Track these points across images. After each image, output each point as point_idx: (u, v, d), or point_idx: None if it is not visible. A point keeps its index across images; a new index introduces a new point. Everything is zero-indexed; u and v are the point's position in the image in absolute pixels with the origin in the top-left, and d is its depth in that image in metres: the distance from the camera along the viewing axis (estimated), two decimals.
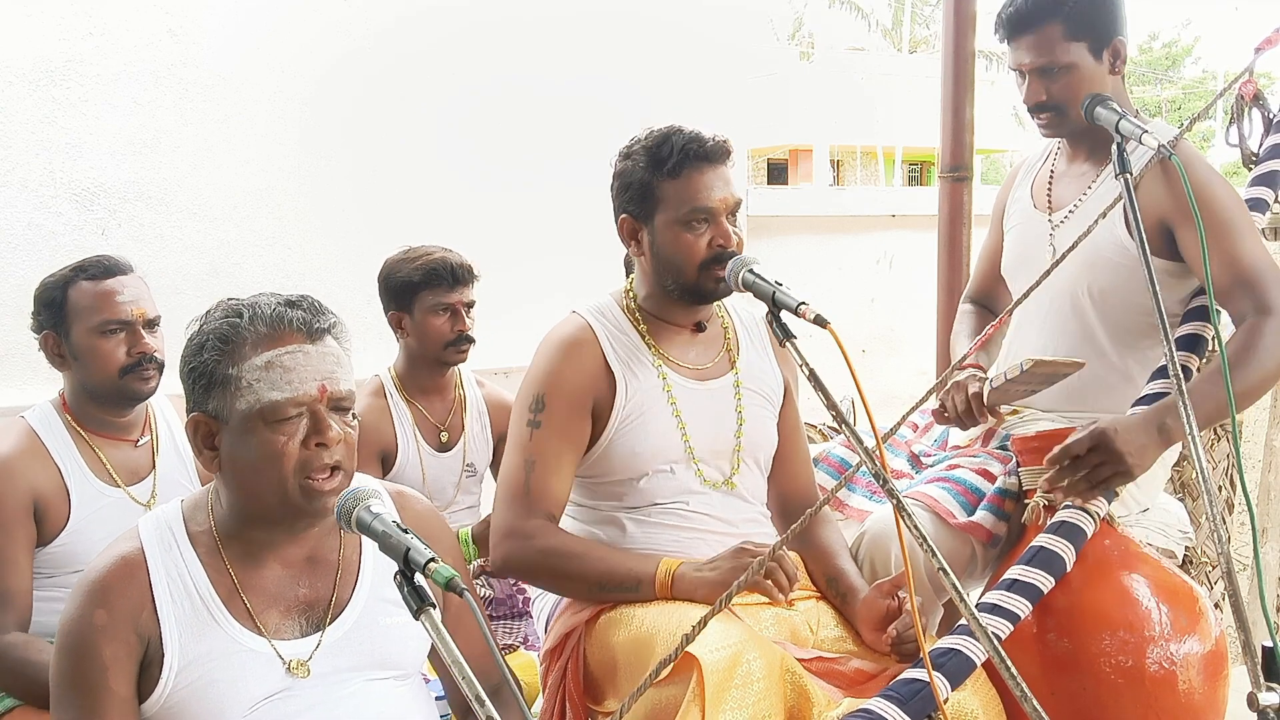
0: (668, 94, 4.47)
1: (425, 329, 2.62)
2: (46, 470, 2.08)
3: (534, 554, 1.92)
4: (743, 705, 1.62)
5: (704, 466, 2.03)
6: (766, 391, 2.13)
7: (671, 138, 1.96)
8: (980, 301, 2.62)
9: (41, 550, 2.08)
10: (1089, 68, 2.19)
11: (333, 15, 3.85)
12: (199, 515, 1.55)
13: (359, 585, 1.59)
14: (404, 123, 4.02)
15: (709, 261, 1.95)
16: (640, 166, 1.97)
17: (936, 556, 1.51)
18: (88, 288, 2.11)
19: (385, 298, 2.67)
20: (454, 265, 2.62)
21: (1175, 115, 23.39)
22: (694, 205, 1.94)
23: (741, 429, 2.07)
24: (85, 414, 2.16)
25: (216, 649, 1.48)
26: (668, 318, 2.06)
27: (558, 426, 1.96)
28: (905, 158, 23.61)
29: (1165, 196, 2.12)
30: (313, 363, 1.48)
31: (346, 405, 1.52)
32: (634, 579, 1.88)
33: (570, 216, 4.28)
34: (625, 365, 2.01)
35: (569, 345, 2.01)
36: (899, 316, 7.76)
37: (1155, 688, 1.88)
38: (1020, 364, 2.09)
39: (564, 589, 1.97)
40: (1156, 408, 2.02)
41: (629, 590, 1.88)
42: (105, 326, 2.10)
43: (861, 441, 1.62)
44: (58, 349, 2.13)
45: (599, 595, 1.91)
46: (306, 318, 1.51)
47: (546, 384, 1.99)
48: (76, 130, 3.36)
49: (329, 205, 3.86)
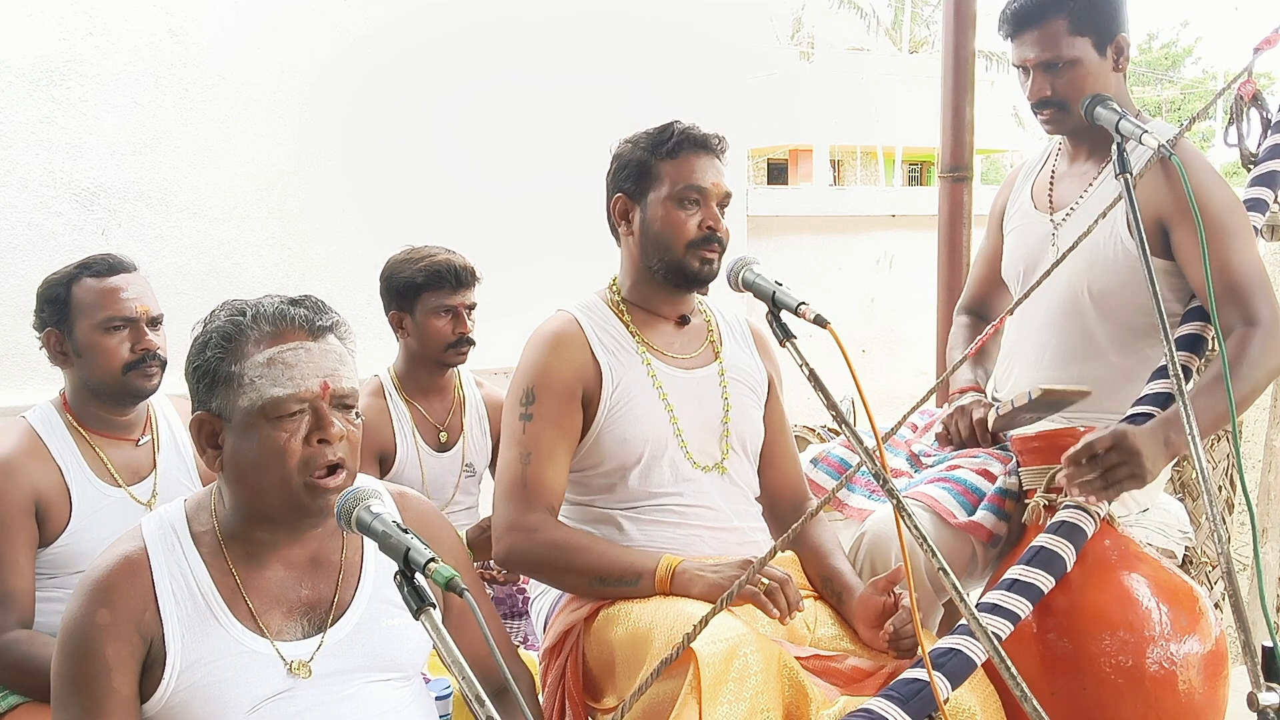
0: (667, 94, 4.47)
1: (426, 330, 2.63)
2: (47, 470, 2.08)
3: (536, 548, 1.93)
4: (739, 698, 1.63)
5: (694, 449, 2.05)
6: (751, 382, 2.17)
7: (673, 125, 2.06)
8: (975, 311, 2.62)
9: (43, 551, 2.07)
10: (1093, 63, 2.20)
11: (333, 15, 3.85)
12: (202, 515, 1.55)
13: (361, 586, 1.59)
14: (404, 123, 4.03)
15: (697, 242, 2.01)
16: (640, 148, 2.06)
17: (936, 556, 1.51)
18: (92, 284, 2.12)
19: (386, 297, 2.67)
20: (457, 267, 2.62)
21: (1175, 115, 23.40)
22: (688, 183, 2.02)
23: (728, 414, 2.10)
24: (86, 413, 2.16)
25: (219, 650, 1.48)
26: (652, 308, 2.10)
27: (550, 417, 1.99)
28: (905, 158, 23.60)
29: (1162, 197, 2.12)
30: (315, 359, 1.49)
31: (350, 403, 1.52)
32: (635, 573, 1.89)
33: (569, 217, 4.27)
34: (611, 355, 2.04)
35: (555, 338, 2.05)
36: (899, 316, 7.75)
37: (1155, 688, 1.88)
38: (1028, 393, 2.10)
39: (565, 583, 1.98)
40: (1160, 421, 2.01)
41: (629, 584, 1.89)
42: (109, 323, 2.10)
43: (861, 441, 1.62)
44: (60, 346, 2.13)
45: (599, 590, 1.92)
46: (309, 315, 1.51)
47: (535, 377, 2.02)
48: (76, 130, 3.36)
49: (329, 205, 3.86)
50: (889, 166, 23.36)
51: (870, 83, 20.71)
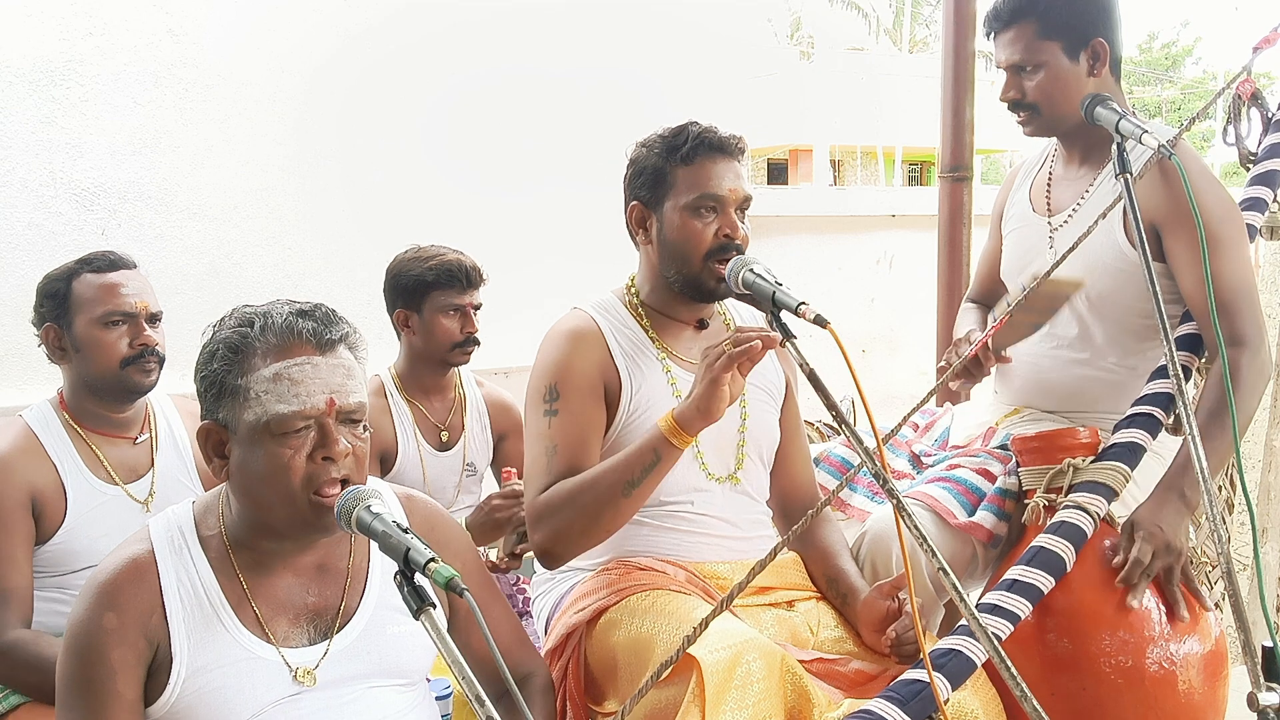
0: (668, 94, 4.47)
1: (434, 329, 2.63)
2: (43, 468, 2.09)
3: (560, 508, 1.86)
4: (742, 706, 1.62)
5: (709, 459, 2.02)
6: (769, 388, 2.13)
7: (688, 128, 1.99)
8: (982, 302, 2.61)
9: (39, 549, 2.08)
10: (1063, 68, 2.19)
11: (333, 15, 3.85)
12: (210, 519, 1.55)
13: (367, 593, 1.59)
14: (403, 123, 4.03)
15: (714, 251, 1.94)
16: (655, 153, 1.99)
17: (937, 556, 1.50)
18: (92, 280, 2.13)
19: (393, 295, 2.67)
20: (467, 268, 2.63)
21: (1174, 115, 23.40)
22: (704, 191, 1.95)
23: (745, 424, 2.07)
24: (83, 411, 2.16)
25: (225, 656, 1.48)
26: (671, 313, 2.06)
27: (575, 411, 1.94)
28: (905, 158, 23.60)
29: (1156, 201, 2.12)
30: (321, 375, 1.47)
31: (357, 417, 1.51)
32: (650, 452, 1.81)
33: (569, 217, 4.28)
34: (630, 359, 2.00)
35: (575, 336, 2.00)
36: (899, 316, 7.75)
37: (1155, 688, 1.88)
38: (1022, 286, 2.05)
39: (605, 519, 1.86)
40: (1168, 480, 2.00)
41: (652, 466, 1.81)
42: (109, 318, 2.11)
43: (861, 442, 1.62)
44: (59, 341, 2.14)
45: (636, 494, 1.82)
46: (317, 328, 1.49)
47: (557, 373, 1.97)
48: (76, 130, 3.36)
49: (329, 205, 3.86)
50: (889, 166, 23.36)
51: (870, 83, 20.69)
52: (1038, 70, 2.19)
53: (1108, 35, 2.20)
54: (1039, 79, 2.20)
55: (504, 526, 2.44)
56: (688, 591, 1.89)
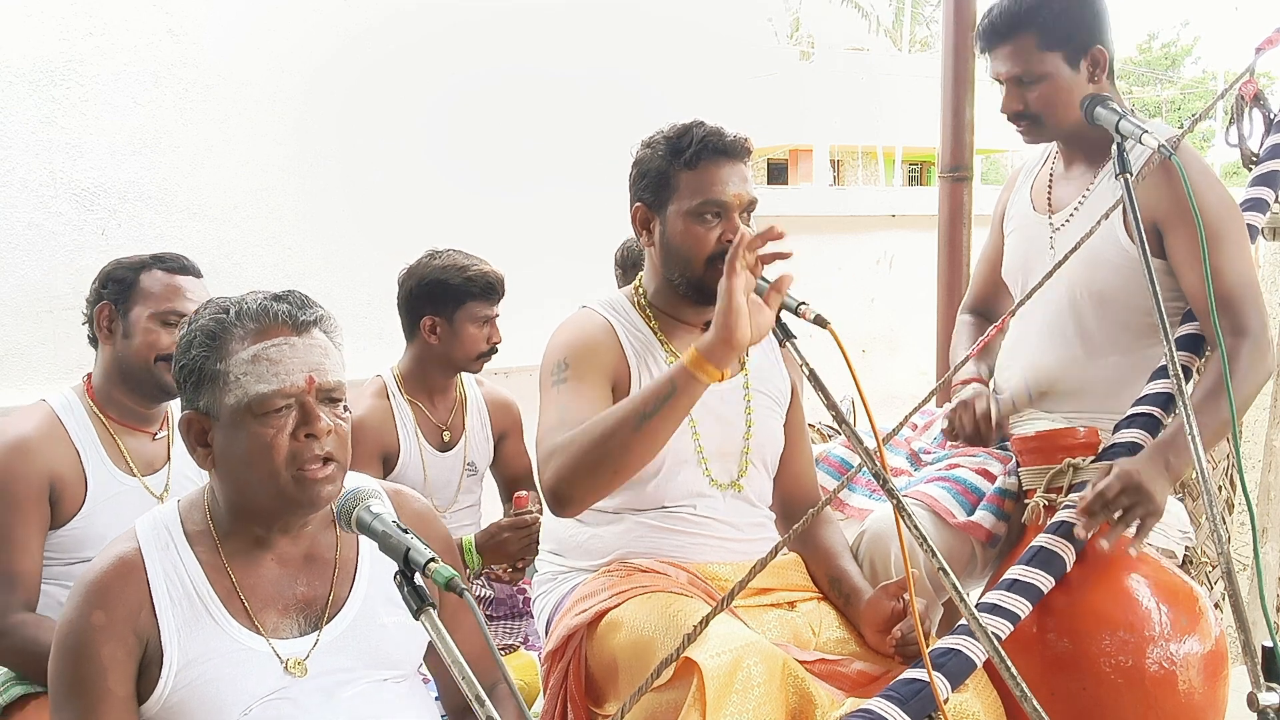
0: (668, 94, 4.47)
1: (462, 337, 2.64)
2: (65, 453, 2.11)
3: (569, 442, 1.79)
4: (743, 711, 1.61)
5: (713, 466, 2.02)
6: (774, 393, 2.12)
7: (693, 129, 1.95)
8: (979, 311, 2.61)
9: (54, 533, 2.10)
10: (1065, 77, 2.19)
11: (333, 15, 3.85)
12: (195, 514, 1.56)
13: (356, 584, 1.59)
14: (403, 123, 4.02)
15: (717, 256, 1.90)
16: (659, 155, 1.97)
17: (936, 556, 1.51)
18: (161, 276, 2.18)
19: (421, 301, 2.64)
20: (498, 280, 2.67)
21: (1175, 115, 23.40)
22: (707, 197, 1.93)
23: (750, 431, 2.06)
24: (110, 400, 2.18)
25: (215, 648, 1.48)
26: (677, 315, 2.05)
27: (586, 379, 1.91)
28: (905, 158, 23.59)
29: (1157, 200, 2.12)
30: (299, 354, 1.49)
31: (337, 396, 1.52)
32: (667, 383, 1.74)
33: (570, 217, 4.28)
34: (640, 359, 2.00)
35: (588, 325, 2.00)
36: (899, 316, 7.76)
37: (1155, 688, 1.88)
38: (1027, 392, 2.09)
39: (614, 453, 1.76)
40: (1156, 448, 2.00)
41: (667, 397, 1.73)
42: (166, 316, 2.15)
43: (861, 442, 1.62)
44: (109, 322, 2.17)
45: (645, 430, 1.73)
46: (292, 310, 1.51)
47: (568, 351, 1.95)
48: (76, 130, 3.36)
49: (329, 206, 3.86)
50: (889, 166, 23.36)
51: (870, 82, 20.68)
52: (1039, 81, 2.19)
53: (1105, 41, 2.21)
54: (1041, 89, 2.20)
55: (512, 555, 2.50)
56: (689, 594, 1.89)
